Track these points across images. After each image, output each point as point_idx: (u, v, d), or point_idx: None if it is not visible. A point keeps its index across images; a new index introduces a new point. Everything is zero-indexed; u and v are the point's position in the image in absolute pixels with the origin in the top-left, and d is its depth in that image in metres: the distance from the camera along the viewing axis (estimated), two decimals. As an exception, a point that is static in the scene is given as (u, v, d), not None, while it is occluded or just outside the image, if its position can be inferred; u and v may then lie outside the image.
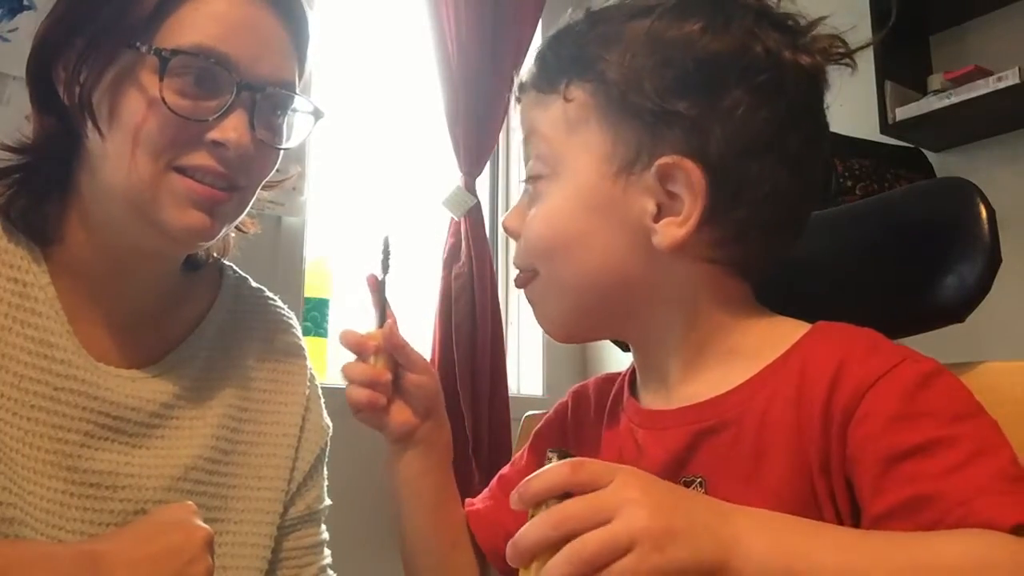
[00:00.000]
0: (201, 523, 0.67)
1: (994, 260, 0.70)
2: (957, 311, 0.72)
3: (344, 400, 0.75)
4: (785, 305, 0.70)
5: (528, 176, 0.70)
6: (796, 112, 0.65)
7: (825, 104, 0.68)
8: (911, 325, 0.75)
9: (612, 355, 1.19)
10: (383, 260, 0.78)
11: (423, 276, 2.35)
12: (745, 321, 0.68)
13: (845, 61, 0.66)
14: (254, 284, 0.94)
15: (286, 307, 0.95)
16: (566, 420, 0.81)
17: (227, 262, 0.92)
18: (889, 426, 0.56)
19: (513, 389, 2.40)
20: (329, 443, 0.92)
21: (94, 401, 0.75)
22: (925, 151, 1.95)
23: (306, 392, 0.90)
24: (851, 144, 1.80)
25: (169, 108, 0.70)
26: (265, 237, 0.93)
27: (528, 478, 0.50)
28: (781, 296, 0.71)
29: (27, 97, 0.77)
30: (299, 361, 0.92)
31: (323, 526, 0.91)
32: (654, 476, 0.52)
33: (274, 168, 0.80)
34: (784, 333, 0.66)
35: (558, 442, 0.80)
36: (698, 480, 0.64)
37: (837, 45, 0.66)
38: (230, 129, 0.72)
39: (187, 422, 0.81)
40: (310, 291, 2.10)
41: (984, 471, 0.53)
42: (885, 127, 1.92)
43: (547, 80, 0.69)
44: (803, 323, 0.67)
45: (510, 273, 2.63)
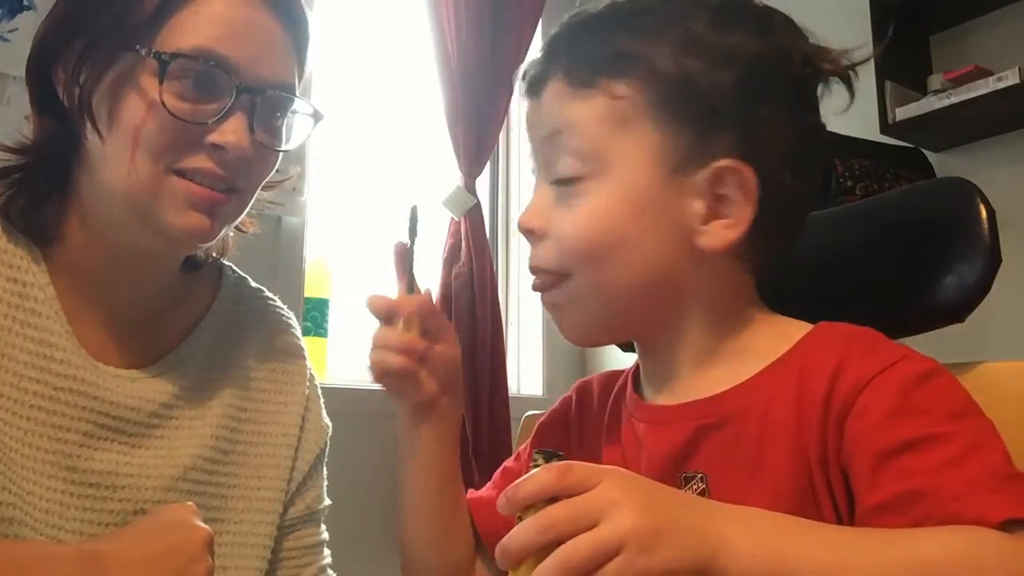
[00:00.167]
0: (201, 523, 0.67)
1: (994, 260, 0.70)
2: (957, 311, 0.72)
3: (344, 400, 0.74)
4: (785, 305, 0.70)
5: (562, 175, 0.67)
6: (817, 118, 0.68)
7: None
8: (911, 325, 0.75)
9: (612, 355, 1.19)
10: (410, 228, 0.76)
11: (423, 276, 2.34)
12: (755, 320, 0.69)
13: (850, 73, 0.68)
14: (253, 284, 0.94)
15: (286, 307, 0.95)
16: (570, 414, 0.81)
17: (227, 262, 0.92)
18: (885, 421, 0.57)
19: (513, 389, 2.40)
20: (329, 443, 0.92)
21: (93, 401, 0.75)
22: (925, 151, 1.95)
23: (306, 392, 0.90)
24: (851, 144, 1.79)
25: (169, 111, 0.70)
26: (265, 237, 0.93)
27: (515, 483, 0.50)
28: (781, 296, 0.71)
29: (27, 97, 0.77)
30: (299, 361, 0.92)
31: (323, 526, 0.91)
32: (641, 477, 0.52)
33: (273, 170, 0.80)
34: (787, 333, 0.66)
35: (561, 436, 0.80)
36: (699, 476, 0.64)
37: (846, 58, 0.67)
38: (229, 132, 0.72)
39: (187, 422, 0.81)
40: (310, 291, 2.10)
41: (977, 468, 0.53)
42: (885, 127, 1.92)
43: (583, 74, 0.66)
44: (805, 323, 0.67)
45: (510, 273, 2.63)
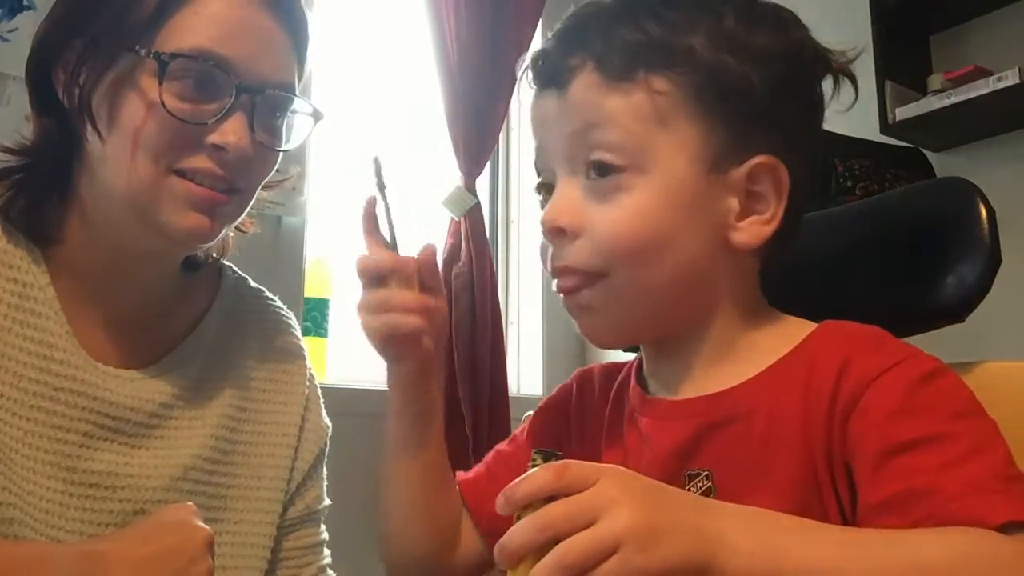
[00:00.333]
0: (201, 524, 0.67)
1: (994, 260, 0.70)
2: (957, 311, 0.72)
3: (344, 400, 0.74)
4: (785, 305, 0.71)
5: (597, 171, 0.64)
6: (823, 115, 0.70)
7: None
8: (911, 325, 0.75)
9: (612, 355, 1.19)
10: (377, 180, 0.73)
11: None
12: (764, 318, 0.69)
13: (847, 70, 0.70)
14: (253, 284, 0.94)
15: (285, 307, 0.95)
16: (570, 402, 0.80)
17: (226, 262, 0.92)
18: (889, 420, 0.57)
19: (513, 389, 2.40)
20: (329, 443, 0.92)
21: (93, 401, 0.75)
22: (925, 151, 1.95)
23: (305, 392, 0.90)
24: (851, 144, 1.79)
25: (168, 111, 0.70)
26: (265, 237, 0.93)
27: (513, 483, 0.50)
28: (781, 296, 0.71)
29: (27, 98, 0.77)
30: (298, 361, 0.92)
31: (323, 526, 0.91)
32: (639, 475, 0.52)
33: (273, 169, 0.80)
34: (792, 331, 0.67)
35: (561, 422, 0.80)
36: (704, 473, 0.64)
37: (844, 56, 0.69)
38: (229, 132, 0.72)
39: (186, 422, 0.81)
40: (310, 291, 2.10)
41: (979, 469, 0.53)
42: (885, 127, 1.92)
43: (617, 66, 0.64)
44: (809, 322, 0.68)
45: (510, 273, 2.63)
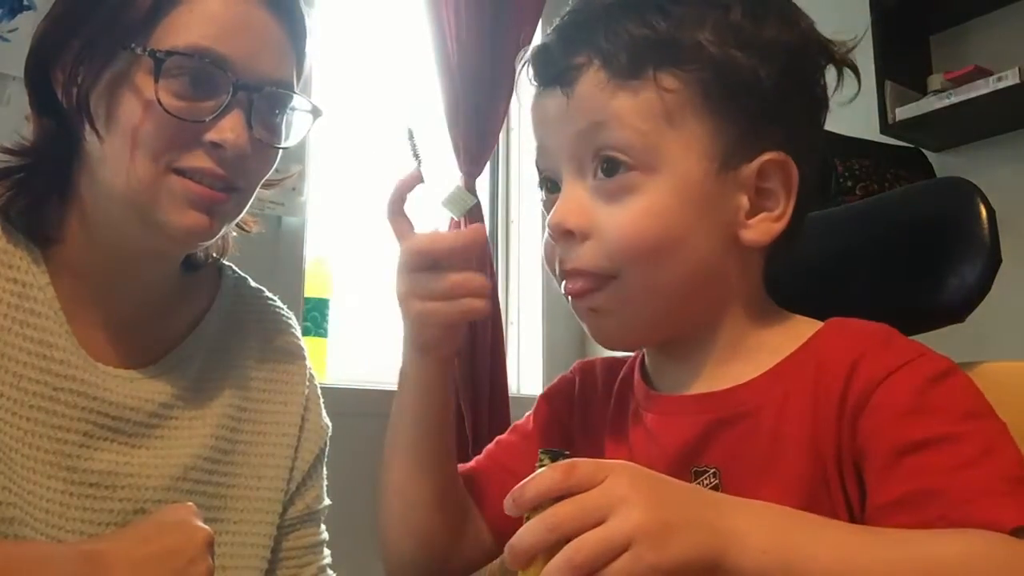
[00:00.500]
0: (201, 523, 0.67)
1: (994, 260, 0.70)
2: (957, 311, 0.72)
3: (344, 400, 0.74)
4: (786, 305, 0.70)
5: (606, 171, 0.64)
6: (826, 110, 0.69)
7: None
8: (911, 325, 0.75)
9: (612, 355, 1.19)
10: (412, 151, 0.72)
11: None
12: (771, 317, 0.69)
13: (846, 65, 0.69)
14: (253, 284, 0.94)
15: (285, 307, 0.95)
16: (573, 392, 0.80)
17: (226, 262, 0.92)
18: (899, 419, 0.57)
19: (513, 389, 2.40)
20: (329, 443, 0.92)
21: (93, 401, 0.75)
22: (925, 151, 1.95)
23: (305, 392, 0.90)
24: (851, 144, 1.79)
25: (165, 109, 0.70)
26: (265, 237, 0.93)
27: (521, 484, 0.50)
28: (781, 295, 0.71)
29: (27, 98, 0.77)
30: (298, 361, 0.92)
31: (323, 526, 0.91)
32: (649, 471, 0.51)
33: (273, 167, 0.80)
34: (798, 329, 0.67)
35: (565, 408, 0.80)
36: (712, 470, 0.64)
37: (846, 45, 0.68)
38: (227, 130, 0.72)
39: (186, 422, 0.81)
40: (310, 291, 2.10)
41: (989, 471, 0.53)
42: (885, 127, 1.92)
43: (625, 63, 0.63)
44: (815, 320, 0.67)
45: (510, 273, 2.63)
